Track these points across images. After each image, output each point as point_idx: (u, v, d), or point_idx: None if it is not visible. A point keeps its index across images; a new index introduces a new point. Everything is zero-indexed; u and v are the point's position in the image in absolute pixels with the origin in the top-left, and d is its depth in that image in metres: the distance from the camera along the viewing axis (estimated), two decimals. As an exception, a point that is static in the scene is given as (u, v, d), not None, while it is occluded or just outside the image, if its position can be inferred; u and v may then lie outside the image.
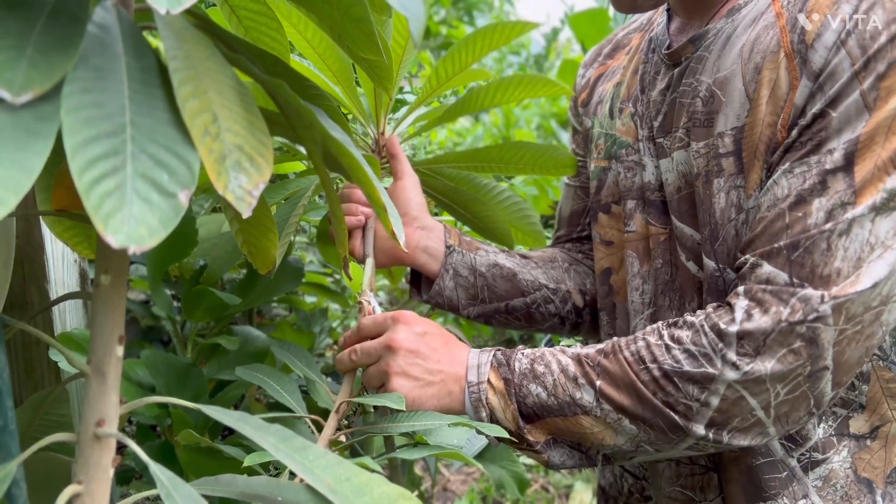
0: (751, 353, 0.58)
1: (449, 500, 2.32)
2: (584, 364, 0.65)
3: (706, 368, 0.59)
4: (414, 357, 0.67)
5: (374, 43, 0.47)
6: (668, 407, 0.61)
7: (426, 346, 0.68)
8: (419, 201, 0.85)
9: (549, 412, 0.65)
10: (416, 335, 0.69)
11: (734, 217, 0.65)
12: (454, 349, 0.69)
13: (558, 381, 0.65)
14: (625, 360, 0.63)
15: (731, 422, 0.60)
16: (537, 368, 0.66)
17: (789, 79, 0.61)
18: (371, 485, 0.38)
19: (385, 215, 0.45)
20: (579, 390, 0.64)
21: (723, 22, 0.69)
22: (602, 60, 0.91)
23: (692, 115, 0.69)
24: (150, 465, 0.34)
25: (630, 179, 0.78)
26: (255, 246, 0.57)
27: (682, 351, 0.61)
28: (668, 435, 0.62)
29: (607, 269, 0.84)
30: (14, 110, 0.28)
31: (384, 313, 0.73)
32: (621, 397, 0.62)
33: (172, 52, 0.33)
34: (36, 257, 0.72)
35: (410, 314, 0.71)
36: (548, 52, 4.06)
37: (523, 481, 1.01)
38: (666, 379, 0.61)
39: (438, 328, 0.71)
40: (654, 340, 0.63)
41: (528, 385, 0.65)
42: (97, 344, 0.36)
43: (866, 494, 0.67)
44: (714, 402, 0.60)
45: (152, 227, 0.28)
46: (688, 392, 0.60)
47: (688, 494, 0.74)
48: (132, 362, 0.86)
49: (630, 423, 0.63)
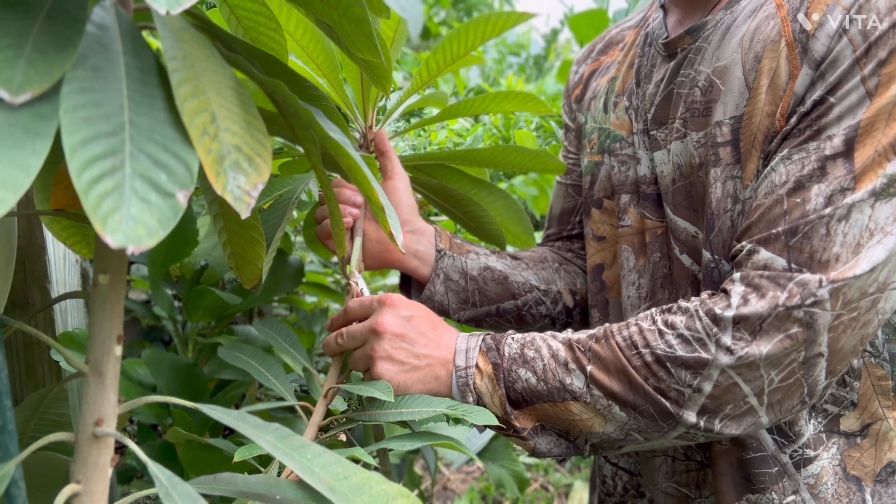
0: (746, 338, 0.58)
1: (449, 500, 2.32)
2: (574, 349, 0.64)
3: (699, 353, 0.59)
4: (400, 341, 0.67)
5: (373, 44, 0.47)
6: (660, 393, 0.60)
7: (413, 330, 0.67)
8: (410, 203, 0.84)
9: (539, 398, 0.64)
10: (403, 319, 0.68)
11: (730, 208, 0.65)
12: (442, 333, 0.69)
13: (548, 366, 0.64)
14: (616, 344, 0.62)
15: (724, 409, 0.60)
16: (527, 353, 0.65)
17: (789, 68, 0.60)
18: (370, 483, 0.38)
19: (384, 216, 0.46)
20: (569, 375, 0.63)
21: (722, 13, 0.69)
22: (595, 57, 0.91)
23: (690, 105, 0.68)
24: (149, 465, 0.34)
25: (624, 173, 0.78)
26: (241, 258, 0.56)
27: (675, 336, 0.60)
28: (659, 422, 0.61)
29: (599, 264, 0.84)
30: (13, 110, 0.28)
31: (371, 296, 0.72)
32: (612, 383, 0.62)
33: (171, 51, 0.33)
34: (37, 257, 0.72)
35: (398, 297, 0.70)
36: (547, 52, 4.06)
37: (523, 480, 1.01)
38: (658, 364, 0.60)
39: (426, 311, 0.70)
40: (646, 325, 0.62)
41: (517, 370, 0.64)
42: (95, 343, 0.36)
43: (855, 493, 0.67)
44: (707, 387, 0.59)
45: (151, 227, 0.28)
46: (680, 377, 0.59)
47: (683, 491, 0.74)
48: (133, 362, 0.86)
49: (620, 409, 0.62)
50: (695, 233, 0.70)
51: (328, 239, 0.81)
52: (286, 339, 0.76)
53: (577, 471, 2.63)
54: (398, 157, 0.86)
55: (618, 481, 0.84)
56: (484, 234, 0.96)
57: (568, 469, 2.65)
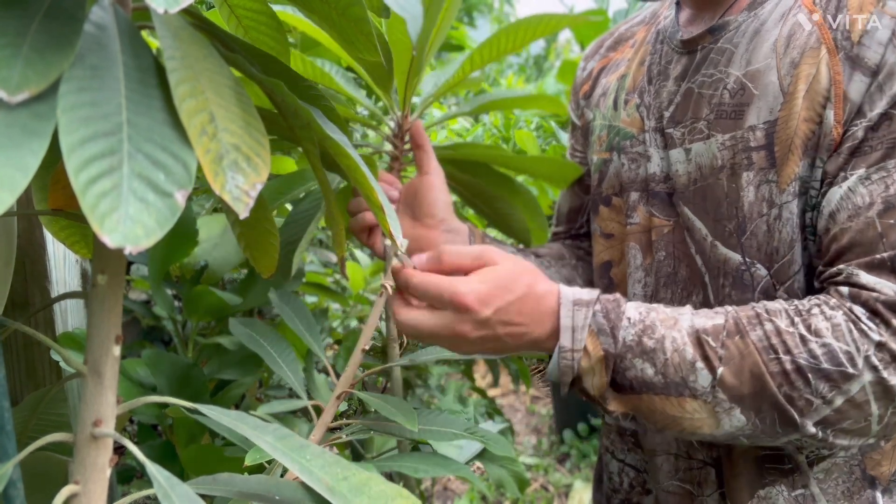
0: (886, 359, 0.57)
1: (449, 500, 2.32)
2: (704, 346, 0.59)
3: (846, 368, 0.56)
4: (489, 329, 0.60)
5: (373, 43, 0.47)
6: (789, 402, 0.57)
7: (514, 313, 0.60)
8: (446, 200, 0.81)
9: (650, 389, 0.60)
10: (500, 309, 0.60)
11: (766, 212, 0.65)
12: (543, 304, 0.61)
13: (671, 360, 0.59)
14: (753, 345, 0.58)
15: (843, 423, 0.58)
16: (646, 343, 0.60)
17: (830, 74, 0.60)
18: (369, 483, 0.38)
19: (383, 216, 0.45)
20: (694, 373, 0.59)
21: (745, 15, 0.69)
22: (604, 53, 0.90)
23: (717, 107, 0.68)
24: (147, 465, 0.34)
25: (633, 171, 0.78)
26: (256, 249, 0.56)
27: (820, 345, 0.57)
28: (777, 429, 0.59)
29: (607, 261, 0.84)
30: (10, 109, 0.28)
31: (472, 251, 0.62)
32: (742, 387, 0.58)
33: (169, 51, 0.33)
34: (37, 257, 0.72)
35: (500, 269, 0.61)
36: (547, 52, 4.06)
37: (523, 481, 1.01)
38: (798, 373, 0.57)
39: (525, 283, 0.61)
40: (784, 326, 0.58)
41: (632, 359, 0.60)
42: (94, 343, 0.36)
43: (867, 489, 0.67)
44: (838, 401, 0.57)
45: (148, 226, 0.28)
46: (817, 389, 0.57)
47: (686, 488, 0.74)
48: (133, 362, 0.86)
49: (741, 413, 0.58)
50: (705, 234, 0.70)
51: (361, 232, 0.79)
52: (302, 319, 0.71)
53: (577, 471, 2.63)
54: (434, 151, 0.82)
55: (624, 478, 0.84)
56: (511, 231, 0.96)
57: (568, 469, 2.65)
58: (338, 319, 1.54)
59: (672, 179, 0.73)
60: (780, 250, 0.65)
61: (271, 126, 0.57)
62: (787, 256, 0.65)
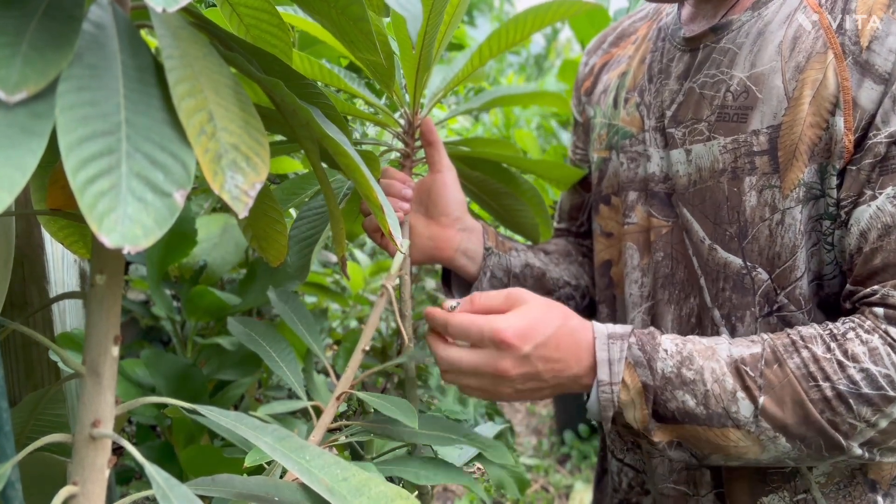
0: None
1: (449, 500, 2.31)
2: (743, 375, 0.60)
3: (887, 391, 0.57)
4: (538, 363, 0.61)
5: (372, 43, 0.47)
6: (833, 427, 0.58)
7: (552, 347, 0.62)
8: (459, 198, 0.80)
9: (693, 420, 0.60)
10: (540, 344, 0.61)
11: (768, 217, 0.64)
12: (575, 340, 0.63)
13: (712, 391, 0.60)
14: (791, 373, 0.59)
15: (888, 442, 0.58)
16: (685, 374, 0.60)
17: (838, 80, 0.60)
18: (368, 484, 0.38)
19: (382, 216, 0.45)
20: (736, 404, 0.59)
21: (748, 14, 0.68)
22: (606, 49, 0.90)
23: (719, 109, 0.67)
24: (146, 466, 0.33)
25: (633, 170, 0.77)
26: (263, 239, 0.56)
27: (858, 370, 0.57)
28: (823, 453, 0.59)
29: (607, 260, 0.83)
30: (8, 108, 0.28)
31: (501, 293, 0.64)
32: (785, 415, 0.58)
33: (168, 50, 0.32)
34: (36, 258, 0.72)
35: (532, 306, 0.63)
36: (548, 52, 4.06)
37: (523, 481, 1.01)
38: (839, 400, 0.57)
39: (559, 317, 0.63)
40: (821, 353, 0.58)
41: (672, 391, 0.60)
42: (92, 344, 0.35)
43: (868, 493, 0.67)
44: (883, 423, 0.57)
45: (147, 226, 0.28)
46: (860, 413, 0.57)
47: (681, 489, 0.74)
48: (132, 362, 0.86)
49: (786, 441, 0.59)
50: (703, 237, 0.69)
51: (375, 232, 0.78)
52: (301, 319, 0.71)
53: (578, 472, 2.63)
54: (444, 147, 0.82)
55: (623, 478, 0.84)
56: (519, 228, 0.95)
57: (569, 470, 2.65)
58: (337, 319, 1.54)
59: (672, 180, 0.72)
60: (781, 255, 0.65)
61: (271, 124, 0.57)
62: (789, 262, 0.64)
